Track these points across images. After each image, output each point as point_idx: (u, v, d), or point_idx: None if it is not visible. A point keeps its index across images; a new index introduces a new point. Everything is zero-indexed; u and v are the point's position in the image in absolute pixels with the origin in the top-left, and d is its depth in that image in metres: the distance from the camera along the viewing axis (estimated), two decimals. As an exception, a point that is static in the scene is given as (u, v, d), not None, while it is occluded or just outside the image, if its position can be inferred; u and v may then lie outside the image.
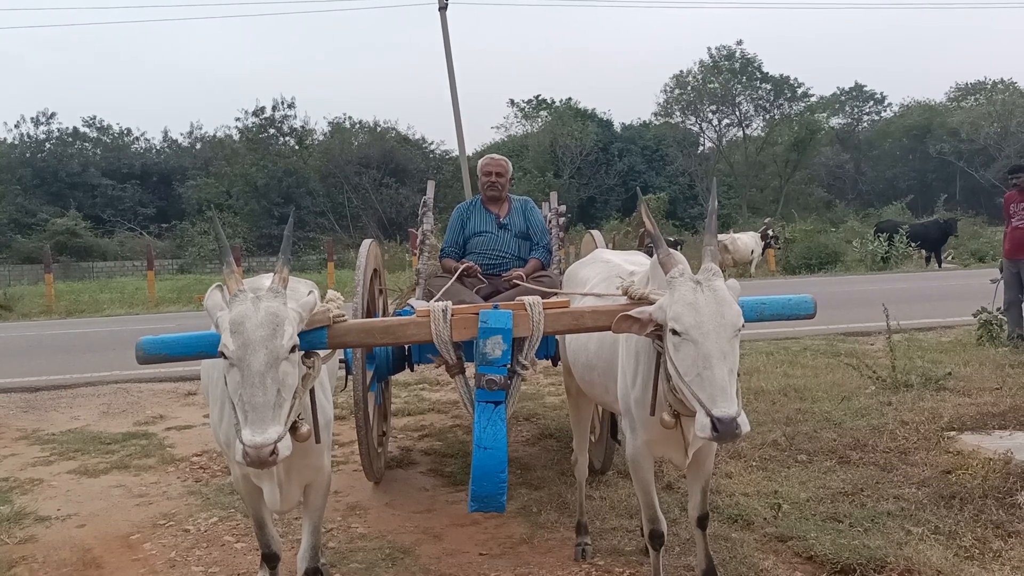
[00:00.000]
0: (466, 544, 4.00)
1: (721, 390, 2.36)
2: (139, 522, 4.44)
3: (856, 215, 34.93)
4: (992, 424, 5.27)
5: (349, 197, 39.48)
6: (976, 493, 4.07)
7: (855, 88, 53.72)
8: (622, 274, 3.28)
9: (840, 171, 50.01)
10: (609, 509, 4.34)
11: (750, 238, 21.39)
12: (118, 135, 48.65)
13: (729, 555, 3.63)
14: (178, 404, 7.41)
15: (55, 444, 6.08)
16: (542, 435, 5.95)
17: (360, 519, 4.40)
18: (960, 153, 45.08)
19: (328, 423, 2.83)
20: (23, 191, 40.61)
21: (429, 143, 44.35)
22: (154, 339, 2.63)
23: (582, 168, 42.26)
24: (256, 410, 2.26)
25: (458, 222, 5.31)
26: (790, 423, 5.58)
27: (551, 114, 47.51)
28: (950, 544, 3.59)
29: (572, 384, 3.90)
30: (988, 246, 23.34)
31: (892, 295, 11.75)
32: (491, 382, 2.70)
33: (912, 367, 6.79)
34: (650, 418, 2.77)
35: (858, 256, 22.54)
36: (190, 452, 5.76)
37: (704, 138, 48.30)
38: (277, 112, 43.03)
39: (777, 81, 45.50)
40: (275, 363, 2.31)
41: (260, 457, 2.23)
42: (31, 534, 4.30)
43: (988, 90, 49.84)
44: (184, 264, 33.49)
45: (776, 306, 2.79)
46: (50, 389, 8.11)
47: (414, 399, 7.20)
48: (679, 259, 2.64)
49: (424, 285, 5.18)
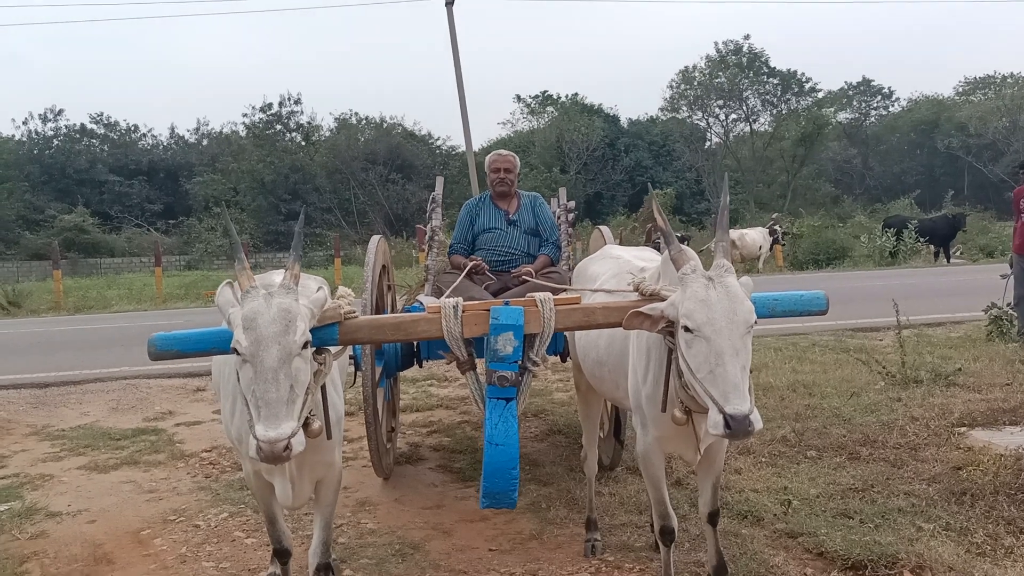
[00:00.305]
0: (475, 540, 4.00)
1: (734, 387, 2.35)
2: (149, 518, 4.45)
3: (863, 210, 34.82)
4: (1003, 420, 5.25)
5: (356, 193, 39.49)
6: (987, 489, 4.05)
7: (863, 82, 53.48)
8: (632, 270, 3.27)
9: (847, 166, 49.84)
10: (619, 505, 4.34)
11: (758, 234, 21.37)
12: (125, 131, 48.81)
13: (739, 551, 3.62)
14: (187, 400, 7.44)
15: (65, 440, 6.11)
16: (551, 431, 5.95)
17: (370, 515, 4.41)
18: (968, 148, 44.88)
19: (339, 419, 2.83)
20: (31, 188, 40.78)
21: (435, 139, 44.34)
22: (166, 335, 2.64)
23: (588, 164, 42.22)
24: (269, 406, 2.27)
25: (467, 218, 5.30)
26: (799, 419, 5.57)
27: (557, 110, 47.47)
28: (961, 540, 3.58)
29: (582, 380, 3.89)
30: (997, 241, 23.24)
31: (900, 291, 11.68)
32: (502, 378, 2.69)
33: (921, 363, 6.77)
34: (661, 415, 2.76)
35: (866, 251, 22.45)
36: (200, 448, 5.78)
37: (711, 133, 48.21)
38: (284, 108, 43.16)
39: (784, 76, 45.29)
40: (288, 359, 2.31)
41: (274, 452, 2.23)
42: (42, 530, 4.32)
43: (997, 84, 49.64)
44: (191, 260, 33.59)
45: (788, 302, 2.77)
46: (59, 385, 8.14)
47: (422, 395, 7.21)
48: (691, 255, 2.62)
49: (433, 281, 5.18)
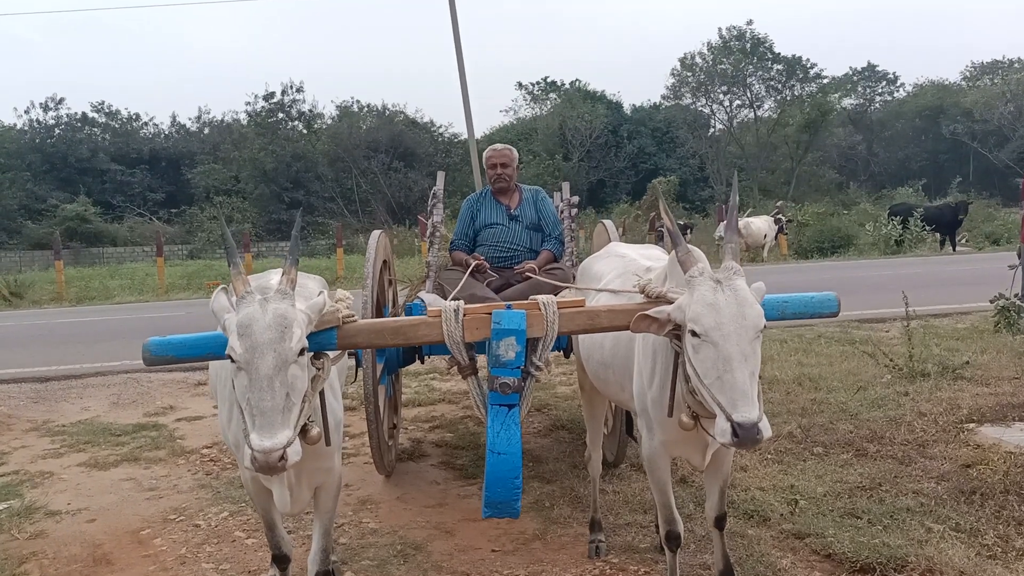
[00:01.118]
0: (478, 540, 3.96)
1: (742, 394, 2.28)
2: (149, 517, 4.41)
3: (868, 197, 34.66)
4: (1012, 416, 5.17)
5: (358, 181, 39.38)
6: (997, 488, 4.00)
7: (867, 68, 53.11)
8: (638, 270, 3.20)
9: (852, 152, 49.52)
10: (623, 504, 4.29)
11: (763, 222, 21.24)
12: (127, 120, 48.63)
13: (746, 553, 3.57)
14: (188, 395, 7.40)
15: (65, 436, 6.07)
16: (554, 426, 5.90)
17: (371, 514, 4.36)
18: (974, 134, 44.56)
19: (338, 424, 2.78)
20: (33, 177, 40.66)
21: (438, 127, 44.14)
22: (161, 340, 2.58)
23: (591, 151, 42.00)
24: (264, 415, 2.21)
25: (468, 214, 5.22)
26: (805, 414, 5.51)
27: (560, 96, 47.20)
28: (972, 542, 3.52)
29: (586, 380, 3.83)
30: (1003, 228, 23.09)
31: (907, 280, 11.64)
32: (504, 385, 2.63)
33: (929, 355, 6.69)
34: (668, 419, 2.70)
35: (871, 239, 22.30)
36: (200, 444, 5.73)
37: (715, 120, 47.89)
38: (286, 96, 42.96)
39: (789, 61, 44.93)
40: (284, 367, 2.25)
41: (269, 463, 2.17)
42: (41, 529, 4.28)
43: (1004, 70, 49.22)
44: (194, 250, 33.51)
45: (798, 304, 2.70)
46: (60, 379, 8.09)
47: (424, 389, 7.16)
48: (699, 256, 2.56)
49: (434, 278, 5.11)
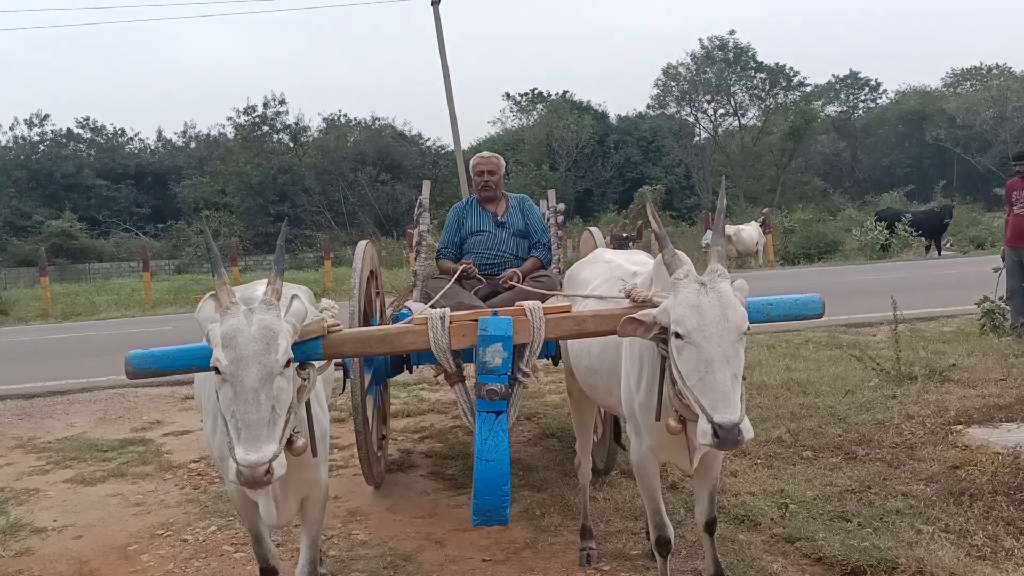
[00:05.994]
0: (469, 550, 3.93)
1: (723, 395, 2.29)
2: (136, 532, 4.37)
3: (853, 203, 34.84)
4: (999, 416, 5.20)
5: (345, 194, 39.35)
6: (986, 489, 4.01)
7: (850, 75, 53.54)
8: (624, 275, 3.20)
9: (836, 159, 49.87)
10: (613, 511, 4.28)
11: (754, 229, 21.37)
12: (112, 135, 48.53)
13: (737, 558, 3.56)
14: (175, 409, 7.34)
15: (51, 452, 6.00)
16: (544, 435, 5.88)
17: (361, 525, 4.33)
18: (956, 139, 44.99)
19: (324, 435, 2.75)
20: (18, 193, 40.48)
21: (425, 139, 44.32)
22: (144, 353, 2.56)
23: (578, 161, 42.18)
24: (250, 428, 2.18)
25: (454, 222, 5.21)
26: (794, 418, 5.52)
27: (547, 107, 47.38)
28: (961, 543, 3.53)
29: (574, 386, 3.82)
30: (986, 232, 23.25)
31: (893, 284, 11.69)
32: (492, 392, 2.62)
33: (915, 358, 6.73)
34: (656, 423, 2.70)
35: (858, 245, 22.43)
36: (188, 459, 5.68)
37: (700, 128, 48.17)
38: (269, 109, 42.94)
39: (772, 70, 45.33)
40: (269, 379, 2.23)
41: (254, 476, 2.15)
42: (27, 546, 4.23)
43: (984, 75, 49.72)
44: (181, 264, 33.38)
45: (783, 306, 2.71)
46: (46, 396, 8.03)
47: (413, 400, 7.13)
48: (684, 260, 2.57)
49: (421, 286, 5.10)
